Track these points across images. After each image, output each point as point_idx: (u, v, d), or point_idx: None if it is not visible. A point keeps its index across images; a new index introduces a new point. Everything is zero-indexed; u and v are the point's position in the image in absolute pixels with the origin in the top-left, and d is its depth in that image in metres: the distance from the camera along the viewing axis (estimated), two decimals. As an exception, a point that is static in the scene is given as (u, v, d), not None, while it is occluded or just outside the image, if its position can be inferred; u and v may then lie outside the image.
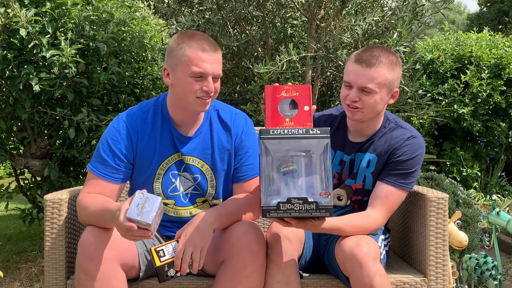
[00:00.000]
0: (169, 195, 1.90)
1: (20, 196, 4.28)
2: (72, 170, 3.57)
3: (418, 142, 1.90)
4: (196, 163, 1.89)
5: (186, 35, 1.78)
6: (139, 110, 1.89)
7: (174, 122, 1.87)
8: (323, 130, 1.57)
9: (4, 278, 3.16)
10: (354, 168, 1.97)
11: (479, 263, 2.53)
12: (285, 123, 1.65)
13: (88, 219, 1.76)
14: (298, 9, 3.44)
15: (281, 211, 1.55)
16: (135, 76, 3.63)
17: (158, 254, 1.67)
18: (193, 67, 1.72)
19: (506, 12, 14.10)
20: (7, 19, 2.92)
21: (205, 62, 1.73)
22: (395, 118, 1.99)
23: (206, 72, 1.73)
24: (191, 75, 1.73)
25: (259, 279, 1.71)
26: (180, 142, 1.87)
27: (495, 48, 5.40)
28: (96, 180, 1.83)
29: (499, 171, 5.62)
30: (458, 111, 5.17)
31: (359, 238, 1.74)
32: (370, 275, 1.64)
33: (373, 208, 1.86)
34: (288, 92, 1.66)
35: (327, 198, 1.57)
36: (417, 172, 1.91)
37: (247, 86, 3.58)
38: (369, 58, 1.81)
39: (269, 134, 1.57)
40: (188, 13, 3.62)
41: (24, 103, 3.12)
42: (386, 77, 1.82)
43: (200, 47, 1.73)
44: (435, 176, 3.34)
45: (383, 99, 1.85)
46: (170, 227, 1.96)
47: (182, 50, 1.74)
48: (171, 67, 1.78)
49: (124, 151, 1.83)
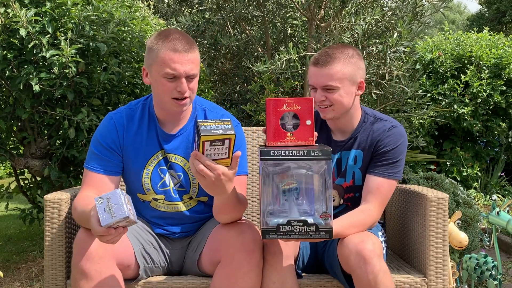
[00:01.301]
0: (159, 190, 1.92)
1: (20, 196, 4.29)
2: (72, 170, 3.57)
3: (399, 131, 1.95)
4: (179, 161, 1.91)
5: (161, 35, 1.77)
6: (127, 108, 1.94)
7: (158, 120, 1.90)
8: (324, 152, 1.57)
9: (4, 278, 3.16)
10: (341, 166, 2.00)
11: (479, 263, 2.53)
12: (287, 138, 1.63)
13: (78, 221, 1.79)
14: (298, 9, 3.44)
15: (280, 233, 1.56)
16: (135, 76, 3.63)
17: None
18: (165, 68, 1.72)
19: (504, 12, 14.11)
20: (7, 19, 2.92)
21: (177, 63, 1.72)
22: (373, 111, 2.04)
23: (179, 73, 1.73)
24: (164, 76, 1.74)
25: (255, 279, 1.71)
26: (164, 140, 1.90)
27: (495, 48, 5.40)
28: (92, 175, 1.85)
29: (499, 171, 5.62)
30: (458, 111, 5.17)
31: (363, 235, 1.75)
32: (374, 271, 1.65)
33: (367, 202, 1.88)
34: (290, 105, 1.64)
35: (327, 219, 1.57)
36: (403, 161, 1.95)
37: (247, 86, 3.58)
38: (324, 58, 1.87)
39: (269, 155, 1.57)
40: (188, 13, 3.62)
41: (24, 103, 3.12)
42: (343, 71, 1.87)
43: (173, 47, 1.72)
44: (435, 176, 3.35)
45: (348, 92, 1.90)
46: (161, 224, 1.96)
47: (155, 51, 1.74)
48: (148, 68, 1.80)
49: (111, 144, 1.88)
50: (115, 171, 1.88)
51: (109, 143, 1.87)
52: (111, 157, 1.87)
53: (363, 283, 1.67)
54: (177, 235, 1.97)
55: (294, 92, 3.74)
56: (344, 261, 1.76)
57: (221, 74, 4.17)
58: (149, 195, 1.92)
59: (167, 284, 1.85)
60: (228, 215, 1.76)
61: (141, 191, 1.92)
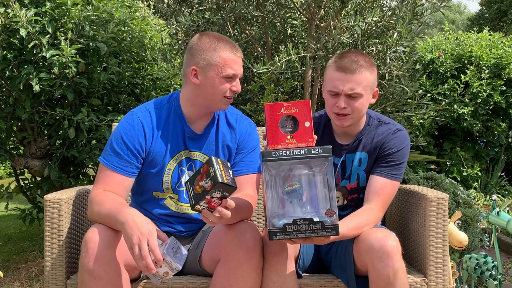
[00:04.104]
0: (176, 190, 1.94)
1: (20, 196, 4.29)
2: (72, 170, 3.57)
3: (403, 135, 1.98)
4: (201, 157, 1.94)
5: (214, 37, 1.84)
6: (153, 107, 1.92)
7: (187, 119, 1.91)
8: (324, 149, 1.58)
9: (4, 278, 3.16)
10: (346, 169, 2.01)
11: (479, 263, 2.54)
12: (287, 141, 1.64)
13: (98, 218, 1.75)
14: (298, 9, 3.44)
15: (287, 233, 1.56)
16: (135, 76, 3.64)
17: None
18: (228, 69, 1.81)
19: (505, 12, 14.11)
20: (7, 19, 2.92)
21: (237, 64, 1.84)
22: (377, 114, 2.05)
23: (237, 74, 1.84)
24: (225, 76, 1.82)
25: (255, 278, 1.72)
26: (190, 139, 1.92)
27: (495, 48, 5.40)
28: (109, 173, 1.82)
29: (499, 171, 5.62)
30: (458, 111, 5.17)
31: (384, 231, 1.77)
32: (395, 267, 1.67)
33: (370, 202, 1.90)
34: (288, 109, 1.65)
35: (332, 216, 1.58)
36: (405, 164, 1.98)
37: (247, 86, 3.58)
38: (350, 64, 1.86)
39: (271, 156, 1.58)
40: (188, 13, 3.62)
41: (24, 103, 3.12)
42: (369, 79, 1.88)
43: (233, 50, 1.83)
44: (435, 176, 3.35)
45: (367, 100, 1.92)
46: (171, 222, 1.97)
47: (216, 52, 1.81)
48: (202, 68, 1.83)
49: (137, 146, 1.86)
50: (133, 173, 1.87)
51: (134, 144, 1.85)
52: (133, 159, 1.85)
53: (383, 277, 1.68)
54: (183, 233, 1.99)
55: (293, 92, 3.74)
56: (363, 256, 1.76)
57: (221, 74, 4.16)
58: (167, 193, 1.94)
59: (167, 284, 1.85)
60: (232, 222, 1.80)
61: (159, 190, 1.93)
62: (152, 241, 1.57)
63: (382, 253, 1.68)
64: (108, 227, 1.70)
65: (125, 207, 1.69)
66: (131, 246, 1.56)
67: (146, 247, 1.56)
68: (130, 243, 1.56)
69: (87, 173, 3.74)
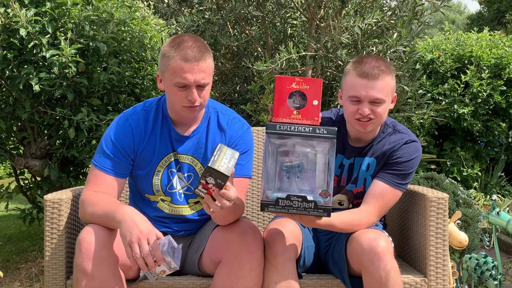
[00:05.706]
0: (168, 192, 1.92)
1: (20, 196, 4.29)
2: (72, 170, 3.57)
3: (416, 146, 1.96)
4: (189, 160, 1.92)
5: (175, 42, 1.76)
6: (142, 109, 1.91)
7: (172, 122, 1.90)
8: (330, 130, 1.56)
9: (4, 278, 3.16)
10: (353, 172, 2.00)
11: (479, 263, 2.53)
12: (292, 116, 1.62)
13: (92, 218, 1.75)
14: (298, 9, 3.44)
15: (279, 207, 1.56)
16: (135, 76, 3.63)
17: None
18: (176, 77, 1.72)
19: (504, 12, 14.11)
20: (7, 19, 2.92)
21: (187, 72, 1.71)
22: (393, 121, 2.03)
23: (189, 83, 1.72)
24: (175, 85, 1.74)
25: (256, 278, 1.71)
26: (177, 141, 1.90)
27: (495, 48, 5.39)
28: (100, 174, 1.83)
29: (499, 171, 5.62)
30: (458, 111, 5.17)
31: (375, 232, 1.77)
32: (387, 268, 1.67)
33: (367, 205, 1.89)
34: (299, 84, 1.62)
35: (327, 198, 1.57)
36: (412, 175, 1.96)
37: (247, 86, 3.58)
38: (372, 70, 1.84)
39: (275, 129, 1.56)
40: (188, 13, 3.62)
41: (24, 103, 3.12)
42: (391, 85, 1.88)
43: (184, 56, 1.71)
44: (435, 176, 3.34)
45: (388, 105, 1.91)
46: (167, 222, 1.97)
47: (167, 59, 1.74)
48: (161, 74, 1.81)
49: (126, 148, 1.86)
50: (124, 174, 1.87)
51: (124, 146, 1.85)
52: (123, 160, 1.85)
53: (375, 279, 1.68)
54: (180, 233, 1.98)
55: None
56: (355, 258, 1.76)
57: (221, 74, 4.17)
58: (158, 195, 1.93)
59: (167, 284, 1.85)
60: (226, 222, 1.80)
61: (150, 192, 1.93)
62: (152, 240, 1.57)
63: (373, 255, 1.69)
64: (102, 226, 1.70)
65: (121, 206, 1.69)
66: (130, 244, 1.56)
67: (147, 246, 1.56)
68: (129, 241, 1.56)
69: (87, 173, 3.73)
